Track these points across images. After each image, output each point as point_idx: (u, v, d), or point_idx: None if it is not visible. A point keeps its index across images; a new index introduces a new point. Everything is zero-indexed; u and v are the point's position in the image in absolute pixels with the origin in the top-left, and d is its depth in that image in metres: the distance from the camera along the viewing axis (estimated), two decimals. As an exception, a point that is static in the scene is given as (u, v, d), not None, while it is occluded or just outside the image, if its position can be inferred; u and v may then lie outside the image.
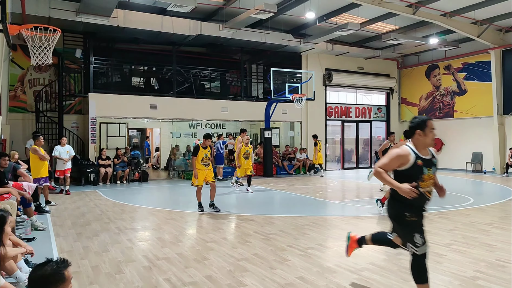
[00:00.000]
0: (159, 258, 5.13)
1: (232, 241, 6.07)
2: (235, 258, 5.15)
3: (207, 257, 5.20)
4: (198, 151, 8.37)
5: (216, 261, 5.03)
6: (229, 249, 5.57)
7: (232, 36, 15.27)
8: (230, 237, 6.41)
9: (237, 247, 5.68)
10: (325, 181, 14.54)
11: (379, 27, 16.69)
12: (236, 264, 4.88)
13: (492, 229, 6.70)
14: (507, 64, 16.71)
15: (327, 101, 19.24)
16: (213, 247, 5.69)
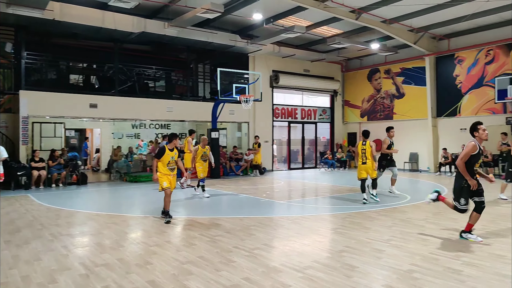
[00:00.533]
0: (97, 265, 4.86)
1: (177, 244, 5.90)
2: (180, 261, 5.00)
3: (150, 261, 5.00)
4: (164, 154, 7.46)
5: (160, 265, 4.85)
6: (173, 253, 5.41)
7: (178, 34, 14.96)
8: (175, 240, 6.23)
9: (181, 250, 5.53)
10: (272, 182, 14.67)
11: (324, 30, 17.16)
12: (181, 268, 4.75)
13: (426, 224, 7.08)
14: (440, 70, 17.86)
15: (274, 102, 19.47)
16: (157, 251, 5.49)
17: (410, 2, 13.21)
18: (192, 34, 15.31)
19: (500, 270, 4.56)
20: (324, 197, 10.98)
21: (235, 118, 17.95)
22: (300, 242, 5.93)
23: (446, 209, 8.53)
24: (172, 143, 7.63)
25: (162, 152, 7.52)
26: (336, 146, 21.42)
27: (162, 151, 7.54)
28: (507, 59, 15.58)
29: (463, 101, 16.99)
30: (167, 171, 7.51)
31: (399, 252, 5.32)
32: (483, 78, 16.31)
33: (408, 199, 10.04)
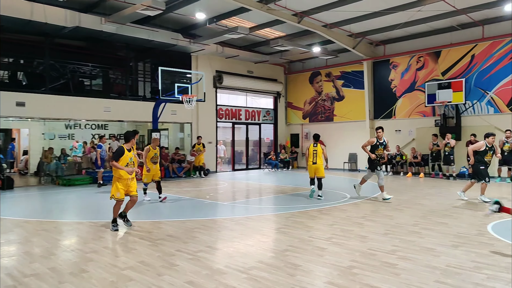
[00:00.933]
0: (26, 275, 4.48)
1: (115, 250, 5.63)
2: (119, 267, 4.77)
3: (85, 269, 4.71)
4: (122, 155, 6.72)
5: (97, 272, 4.59)
6: (111, 259, 5.14)
7: (116, 31, 14.35)
8: (113, 245, 5.93)
9: (120, 256, 5.28)
10: (216, 183, 14.55)
11: (268, 32, 17.36)
12: (120, 274, 4.52)
13: (365, 221, 7.37)
14: (377, 74, 18.79)
15: (217, 103, 19.34)
16: (93, 257, 5.18)
17: (349, 9, 13.75)
18: (132, 31, 14.76)
19: (430, 262, 4.85)
20: (268, 198, 11.06)
21: (177, 118, 17.58)
22: (244, 243, 5.90)
23: (383, 207, 9.00)
24: (130, 143, 6.94)
25: (120, 153, 6.74)
26: (279, 147, 21.75)
27: (120, 151, 6.76)
28: (435, 66, 16.74)
29: (398, 104, 18.00)
30: (126, 174, 6.77)
31: (340, 249, 5.47)
32: (415, 83, 17.39)
33: (348, 197, 10.41)
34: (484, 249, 5.41)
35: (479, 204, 9.25)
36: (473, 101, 15.62)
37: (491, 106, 15.20)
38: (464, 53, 15.85)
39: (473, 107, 15.67)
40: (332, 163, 20.00)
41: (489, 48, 15.19)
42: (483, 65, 15.35)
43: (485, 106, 15.37)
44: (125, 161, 6.75)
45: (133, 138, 6.95)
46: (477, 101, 15.53)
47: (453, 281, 4.24)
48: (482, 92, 15.36)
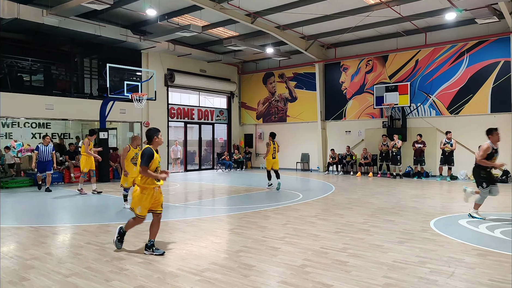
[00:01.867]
0: (-45, 287, 4.10)
1: (60, 256, 5.30)
2: (63, 274, 4.52)
3: (26, 277, 4.40)
4: (152, 158, 5.34)
5: (39, 280, 4.30)
6: (55, 265, 4.84)
7: (59, 24, 13.60)
8: (57, 251, 5.58)
9: (65, 262, 4.99)
10: (167, 184, 14.21)
11: (221, 32, 17.25)
12: (64, 281, 4.28)
13: (317, 220, 7.50)
14: (328, 76, 19.27)
15: (169, 102, 18.93)
16: (35, 264, 4.86)
17: (301, 11, 13.98)
18: (77, 25, 14.07)
19: (378, 259, 5.02)
20: (221, 198, 10.97)
21: (126, 117, 16.99)
22: (197, 245, 5.79)
23: (334, 205, 9.23)
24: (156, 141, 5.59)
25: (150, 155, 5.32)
26: (233, 147, 21.70)
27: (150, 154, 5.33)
28: (383, 69, 17.46)
29: (348, 106, 18.57)
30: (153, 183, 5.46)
31: (293, 249, 5.51)
32: (364, 85, 18.03)
33: (301, 197, 10.56)
34: (428, 245, 5.68)
35: (423, 201, 9.74)
36: (417, 103, 16.46)
37: (433, 109, 16.10)
38: (409, 58, 16.67)
39: (417, 109, 16.51)
40: (285, 163, 20.28)
41: (432, 54, 16.08)
42: (426, 70, 16.22)
43: (428, 108, 16.24)
44: (155, 166, 5.40)
45: (156, 137, 5.52)
46: (421, 104, 16.38)
47: (399, 275, 4.41)
48: (425, 95, 16.22)
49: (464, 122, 15.18)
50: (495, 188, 7.57)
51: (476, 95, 15.02)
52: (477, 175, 7.72)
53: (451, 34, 15.55)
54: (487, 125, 14.33)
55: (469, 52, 15.18)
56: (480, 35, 14.89)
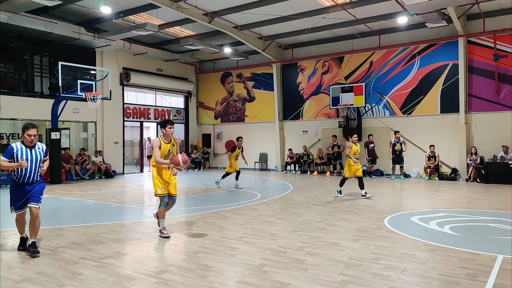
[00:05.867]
0: None
1: (8, 261, 5.01)
2: (13, 280, 4.32)
3: (-34, 287, 4.11)
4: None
5: (-18, 290, 4.03)
6: (4, 271, 4.59)
7: (7, 20, 12.86)
8: (5, 256, 5.26)
9: (15, 268, 4.75)
10: (123, 185, 13.82)
11: (178, 31, 16.99)
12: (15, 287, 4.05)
13: (275, 220, 7.56)
14: (286, 77, 19.50)
15: (125, 101, 18.40)
16: (-23, 273, 4.55)
17: (258, 12, 14.06)
18: (27, 22, 13.36)
19: (335, 256, 5.13)
20: (179, 199, 10.76)
21: (80, 117, 16.34)
22: (154, 247, 5.68)
23: (292, 205, 9.34)
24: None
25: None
26: (191, 147, 21.45)
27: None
28: (339, 70, 17.90)
29: (305, 106, 18.89)
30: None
31: (251, 248, 5.52)
32: (320, 86, 18.41)
33: (259, 196, 10.61)
34: (382, 242, 5.88)
35: (377, 199, 10.08)
36: (372, 104, 17.03)
37: (387, 109, 16.71)
38: (363, 60, 17.20)
39: (372, 109, 17.07)
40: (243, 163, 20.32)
41: (385, 55, 16.69)
42: (380, 71, 16.81)
43: (382, 109, 16.84)
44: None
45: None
46: (375, 104, 16.96)
47: (354, 272, 4.52)
48: (379, 96, 16.81)
49: (416, 122, 15.88)
50: None
51: (427, 96, 15.76)
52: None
53: (403, 37, 16.21)
54: (437, 125, 15.31)
55: (420, 55, 15.90)
56: (430, 39, 15.64)
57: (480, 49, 14.77)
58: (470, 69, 14.93)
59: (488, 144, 14.42)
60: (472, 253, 5.25)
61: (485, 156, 14.27)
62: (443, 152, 15.02)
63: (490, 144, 14.36)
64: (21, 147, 5.18)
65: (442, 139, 15.19)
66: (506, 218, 7.51)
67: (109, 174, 16.34)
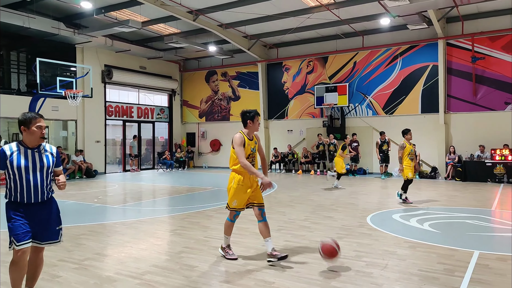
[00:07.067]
0: None
1: (-19, 266, 4.84)
2: (-14, 285, 4.14)
3: None
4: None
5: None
6: (-25, 276, 4.41)
7: (-17, 14, 12.51)
8: (-22, 260, 5.09)
9: (-13, 272, 4.56)
10: (105, 185, 13.61)
11: (162, 28, 16.80)
12: (-15, 294, 3.91)
13: (260, 218, 7.53)
14: (271, 76, 19.51)
15: (106, 99, 18.10)
16: (-50, 277, 4.39)
17: (243, 10, 14.01)
18: (3, 16, 12.99)
19: (318, 255, 5.11)
20: (162, 199, 10.69)
21: (59, 115, 15.99)
22: (136, 247, 5.59)
23: (276, 203, 9.35)
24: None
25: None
26: (174, 146, 21.26)
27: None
28: (323, 70, 18.01)
29: (290, 106, 18.93)
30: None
31: (236, 248, 5.48)
32: (305, 86, 18.48)
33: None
34: (364, 239, 5.93)
35: (360, 198, 10.18)
36: (355, 104, 17.18)
37: (370, 109, 16.90)
38: (347, 60, 17.34)
39: (355, 109, 17.23)
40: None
41: (368, 56, 16.86)
42: (363, 72, 16.97)
43: (365, 108, 17.02)
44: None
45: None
46: (359, 104, 17.12)
47: (337, 270, 4.55)
48: (363, 96, 16.98)
49: (397, 122, 16.07)
50: None
51: (408, 97, 15.99)
52: None
53: (386, 38, 16.41)
54: (418, 125, 15.55)
55: (402, 56, 16.13)
56: (412, 40, 15.87)
57: (458, 51, 15.08)
58: (449, 71, 15.23)
59: (466, 144, 14.78)
60: (450, 249, 5.38)
61: (462, 155, 14.64)
62: (423, 151, 15.28)
63: (468, 144, 14.73)
64: (18, 149, 3.48)
65: (423, 138, 15.44)
66: (482, 215, 7.72)
67: (90, 173, 16.06)
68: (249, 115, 4.95)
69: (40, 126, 3.53)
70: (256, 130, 5.01)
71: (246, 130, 4.97)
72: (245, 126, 4.99)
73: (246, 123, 4.96)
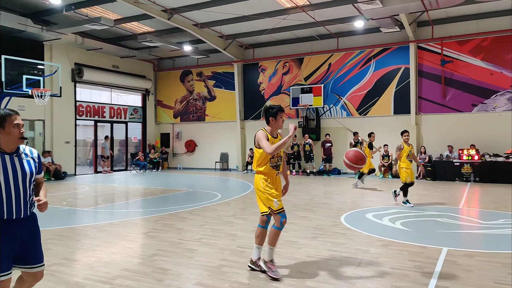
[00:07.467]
0: None
1: None
2: None
3: None
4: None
5: None
6: None
7: None
8: None
9: None
10: (75, 187, 13.22)
11: (135, 26, 16.49)
12: None
13: (235, 220, 7.49)
14: (247, 76, 19.47)
15: (77, 98, 17.60)
16: None
17: (219, 10, 13.92)
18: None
19: (293, 254, 5.16)
20: (135, 201, 10.47)
21: (26, 115, 15.31)
22: (107, 251, 5.42)
23: (252, 204, 9.31)
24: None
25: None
26: (148, 147, 20.90)
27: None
28: (299, 71, 18.11)
29: (265, 106, 18.92)
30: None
31: (210, 250, 5.42)
32: (281, 87, 18.53)
33: (219, 197, 10.49)
34: (338, 239, 5.97)
35: (335, 197, 10.27)
36: (330, 105, 17.37)
37: (344, 110, 17.11)
38: (322, 61, 17.51)
39: (330, 110, 17.41)
40: (204, 163, 20.14)
41: (343, 58, 17.08)
42: (338, 73, 17.18)
43: (339, 110, 17.22)
44: None
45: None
46: (333, 105, 17.31)
47: (311, 270, 4.56)
48: (337, 97, 17.18)
49: (371, 123, 16.36)
50: None
51: (381, 98, 16.30)
52: None
53: (360, 41, 16.67)
54: (391, 126, 15.86)
55: (375, 58, 16.42)
56: (385, 43, 16.19)
57: (429, 54, 15.49)
58: (420, 73, 15.63)
59: (436, 144, 15.25)
60: (420, 247, 5.50)
61: (433, 155, 15.06)
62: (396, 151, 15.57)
63: (437, 144, 15.20)
64: None
65: (395, 139, 15.65)
66: (451, 213, 7.94)
67: (59, 175, 15.56)
68: (271, 112, 4.46)
69: (18, 124, 2.94)
70: (279, 128, 4.53)
71: (269, 127, 4.50)
72: (268, 123, 4.52)
73: (269, 120, 4.50)
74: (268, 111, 4.48)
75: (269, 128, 4.49)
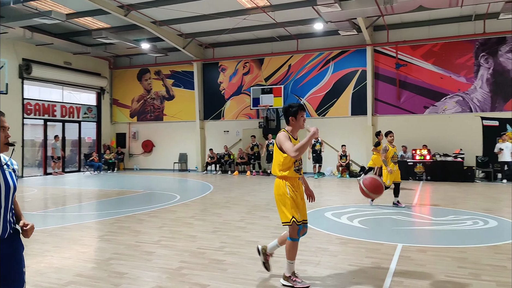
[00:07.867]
0: None
1: None
2: None
3: None
4: None
5: None
6: None
7: None
8: None
9: None
10: (22, 190, 12.47)
11: (89, 22, 15.84)
12: None
13: (195, 221, 7.35)
14: (207, 76, 19.25)
15: (25, 96, 16.63)
16: None
17: (178, 8, 13.67)
18: None
19: (254, 255, 5.04)
20: (89, 203, 10.03)
21: (-31, 112, 14.39)
22: (58, 256, 5.13)
23: (212, 205, 9.19)
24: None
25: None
26: (103, 147, 20.15)
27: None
28: (259, 72, 18.15)
29: (226, 106, 18.82)
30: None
31: (169, 252, 5.27)
32: (241, 87, 18.49)
33: (178, 198, 10.27)
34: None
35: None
36: (288, 106, 17.51)
37: (303, 111, 17.32)
38: (282, 62, 17.65)
39: (288, 111, 17.55)
40: (162, 163, 19.72)
41: (303, 59, 17.30)
42: (297, 74, 17.38)
43: (298, 110, 17.40)
44: None
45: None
46: (292, 106, 17.47)
47: (273, 269, 4.51)
48: (297, 98, 17.37)
49: (329, 124, 16.68)
50: None
51: (339, 100, 16.67)
52: None
53: (319, 43, 16.96)
54: (348, 127, 16.27)
55: (334, 60, 16.77)
56: (343, 46, 16.58)
57: (384, 57, 16.04)
58: (377, 76, 16.15)
59: (392, 145, 15.72)
60: (377, 244, 5.64)
61: (389, 156, 15.54)
62: (353, 151, 16.00)
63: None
64: None
65: (352, 139, 16.17)
66: (405, 211, 8.25)
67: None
68: (291, 110, 4.10)
69: (4, 127, 2.46)
70: (301, 128, 4.18)
71: (289, 127, 4.17)
72: (287, 124, 4.18)
73: (288, 120, 4.14)
74: (288, 110, 4.14)
75: (289, 128, 4.16)
